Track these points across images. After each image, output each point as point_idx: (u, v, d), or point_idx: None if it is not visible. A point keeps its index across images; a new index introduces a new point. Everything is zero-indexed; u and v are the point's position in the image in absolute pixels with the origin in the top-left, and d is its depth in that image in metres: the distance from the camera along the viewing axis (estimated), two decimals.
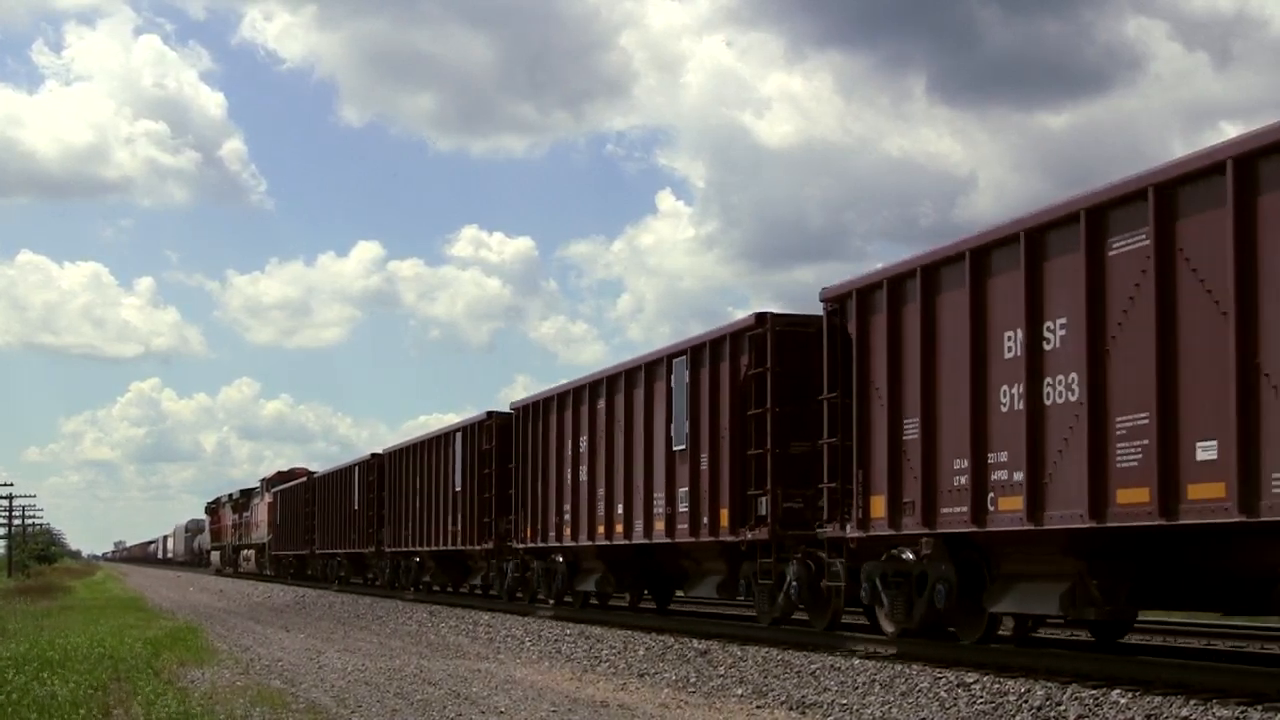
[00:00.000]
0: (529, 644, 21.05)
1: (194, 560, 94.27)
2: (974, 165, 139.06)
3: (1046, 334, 13.03)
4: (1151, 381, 11.63)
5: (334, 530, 46.50)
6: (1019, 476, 13.21)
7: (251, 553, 66.20)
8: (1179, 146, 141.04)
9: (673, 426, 20.63)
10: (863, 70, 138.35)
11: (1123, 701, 11.42)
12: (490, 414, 29.79)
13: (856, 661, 15.35)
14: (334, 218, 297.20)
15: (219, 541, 78.65)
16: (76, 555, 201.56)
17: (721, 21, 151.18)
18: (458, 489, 31.50)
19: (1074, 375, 12.62)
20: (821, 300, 16.88)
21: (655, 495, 21.29)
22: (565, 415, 25.15)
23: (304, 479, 53.65)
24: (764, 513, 18.17)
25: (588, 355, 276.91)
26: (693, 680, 15.48)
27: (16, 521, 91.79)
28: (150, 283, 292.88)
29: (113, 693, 14.11)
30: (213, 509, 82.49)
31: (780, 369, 18.11)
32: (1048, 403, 12.95)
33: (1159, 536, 12.26)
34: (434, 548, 33.96)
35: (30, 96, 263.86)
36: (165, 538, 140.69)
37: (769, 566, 18.39)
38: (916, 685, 13.40)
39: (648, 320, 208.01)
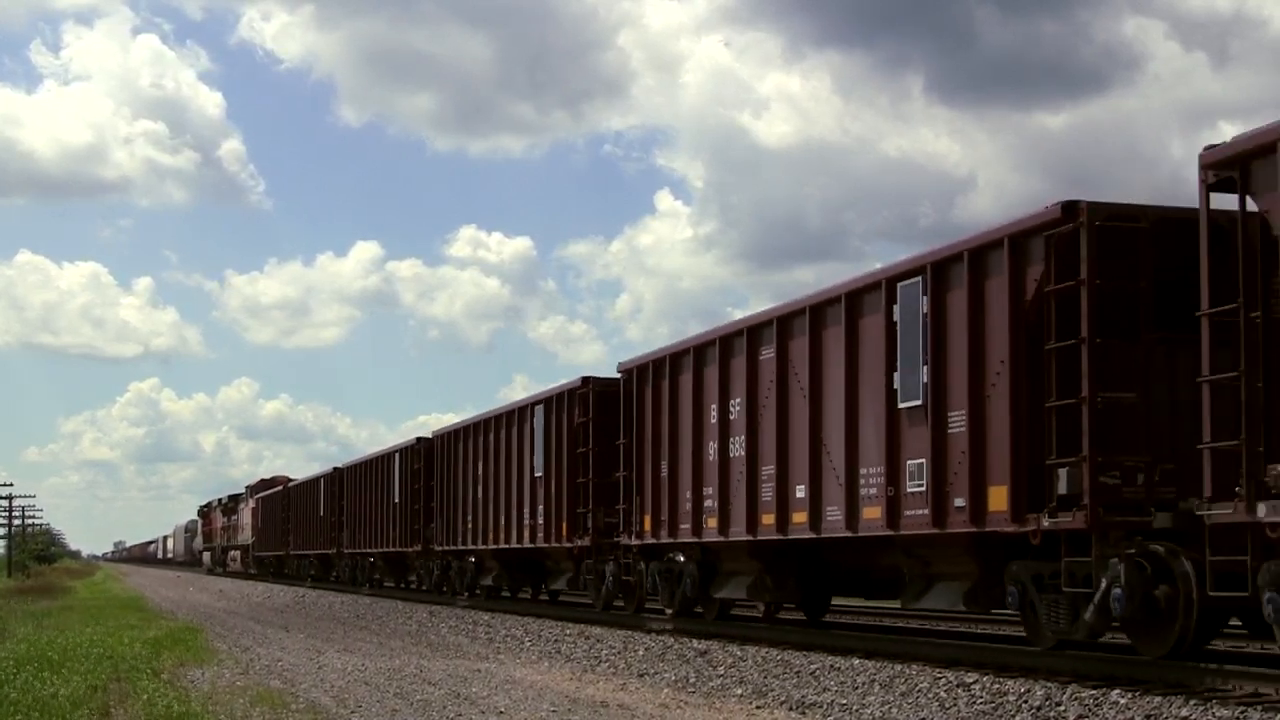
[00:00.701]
0: (529, 644, 21.04)
1: (193, 560, 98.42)
2: (973, 165, 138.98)
3: (731, 407, 18.89)
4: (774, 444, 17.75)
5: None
6: (717, 503, 19.08)
7: (238, 553, 71.31)
8: (1178, 146, 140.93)
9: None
10: (861, 70, 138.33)
11: (1122, 701, 11.42)
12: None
13: (856, 661, 15.35)
14: (333, 218, 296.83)
15: (210, 543, 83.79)
16: (76, 555, 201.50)
17: (719, 21, 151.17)
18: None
19: (742, 437, 18.56)
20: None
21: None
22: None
23: (280, 487, 59.10)
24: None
25: (587, 355, 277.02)
26: (692, 680, 15.48)
27: (16, 522, 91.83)
28: (149, 283, 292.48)
29: (113, 693, 14.11)
30: (205, 512, 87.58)
31: (598, 419, 23.91)
32: (731, 455, 18.81)
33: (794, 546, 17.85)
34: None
35: (29, 96, 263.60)
36: (165, 538, 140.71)
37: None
38: (916, 685, 13.40)
39: (647, 320, 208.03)
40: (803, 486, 17.14)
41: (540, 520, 26.34)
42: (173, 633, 23.63)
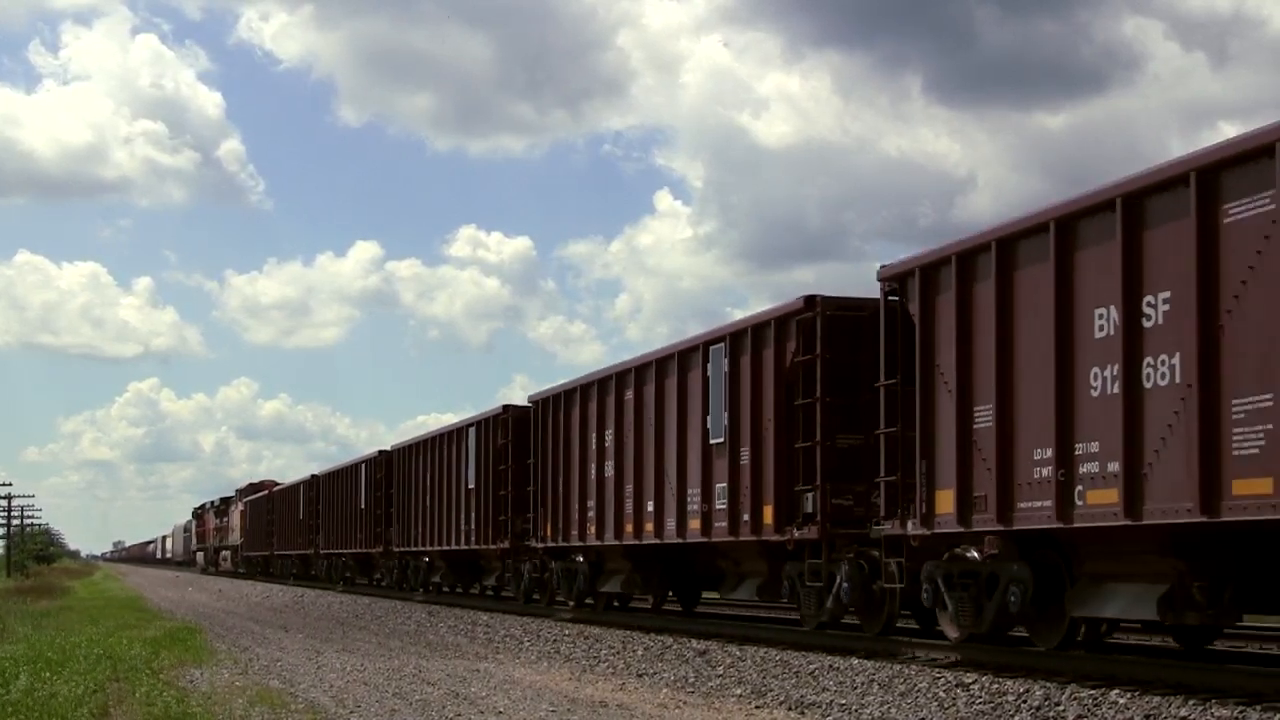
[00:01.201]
0: (528, 644, 21.04)
1: (192, 560, 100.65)
2: (972, 165, 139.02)
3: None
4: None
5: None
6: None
7: (228, 553, 76.30)
8: (1177, 146, 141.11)
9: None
10: (861, 70, 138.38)
11: (1122, 701, 11.42)
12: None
13: (855, 661, 15.35)
14: (332, 218, 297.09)
15: (203, 543, 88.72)
16: (75, 555, 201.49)
17: (719, 21, 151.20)
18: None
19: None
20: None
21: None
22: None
23: (265, 492, 64.29)
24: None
25: (586, 355, 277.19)
26: (691, 680, 15.48)
27: (15, 521, 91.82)
28: (149, 283, 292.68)
29: (112, 693, 14.10)
30: (198, 514, 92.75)
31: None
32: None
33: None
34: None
35: (28, 96, 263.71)
36: (164, 538, 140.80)
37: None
38: (915, 685, 13.40)
39: (646, 320, 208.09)
40: (651, 502, 21.41)
41: (473, 526, 30.22)
42: (172, 633, 23.63)
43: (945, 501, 14.59)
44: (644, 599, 25.19)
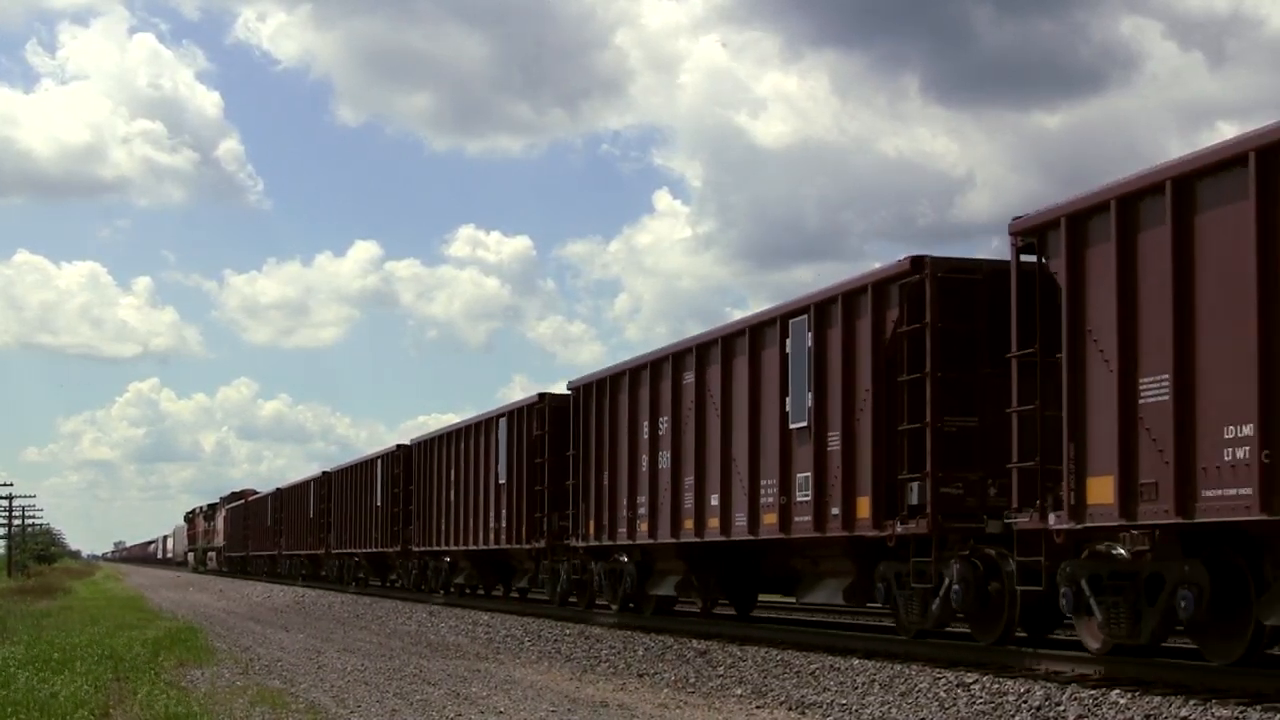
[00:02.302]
0: (529, 644, 21.05)
1: (185, 560, 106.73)
2: (971, 165, 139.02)
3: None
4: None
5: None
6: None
7: (214, 554, 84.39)
8: (1175, 146, 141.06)
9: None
10: (858, 70, 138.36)
11: (1122, 702, 11.42)
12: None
13: (856, 661, 15.35)
14: (331, 218, 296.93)
15: (193, 545, 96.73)
16: (76, 555, 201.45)
17: (717, 20, 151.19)
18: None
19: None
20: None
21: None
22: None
23: (241, 501, 71.96)
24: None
25: (586, 355, 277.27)
26: (692, 680, 15.48)
27: (16, 521, 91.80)
28: (148, 282, 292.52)
29: (113, 693, 14.11)
30: (190, 518, 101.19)
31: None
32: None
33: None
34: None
35: (26, 95, 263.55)
36: (165, 538, 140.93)
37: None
38: (916, 685, 13.40)
39: (645, 320, 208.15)
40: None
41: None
42: (172, 633, 23.63)
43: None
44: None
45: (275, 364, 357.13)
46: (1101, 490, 12.46)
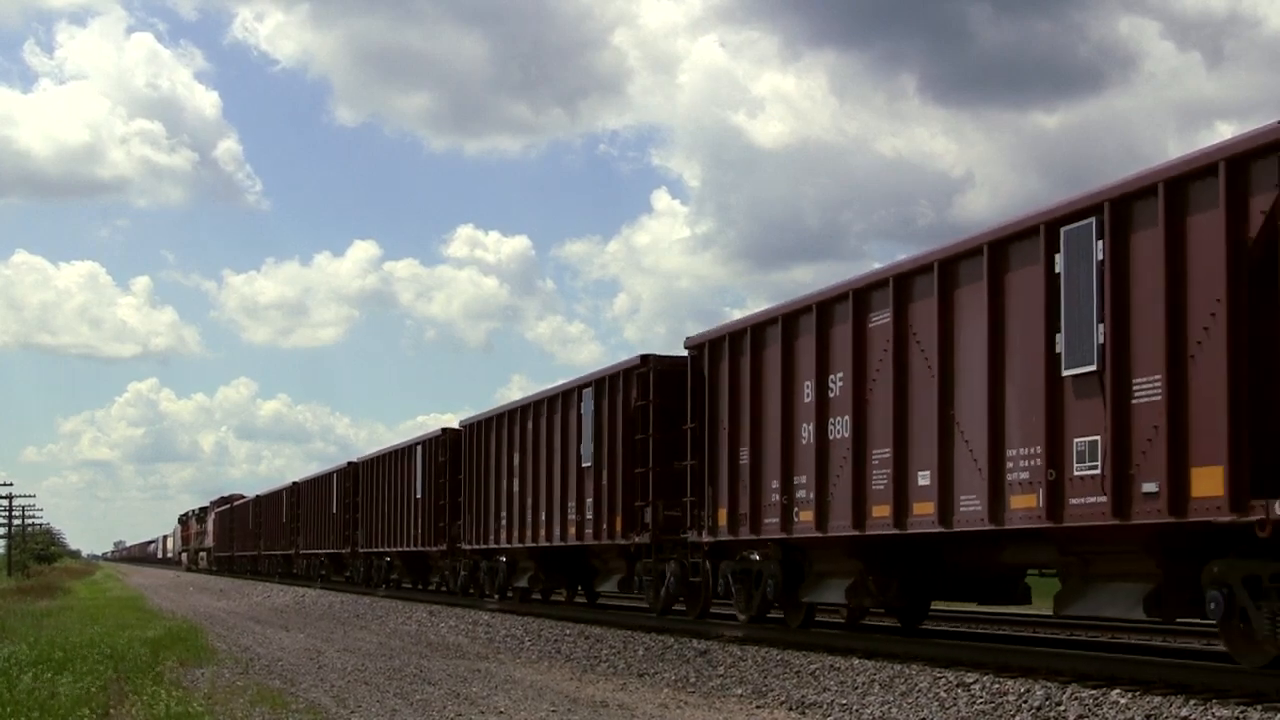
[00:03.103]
0: (529, 644, 21.05)
1: (179, 559, 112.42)
2: (969, 164, 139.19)
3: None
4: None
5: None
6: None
7: (204, 554, 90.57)
8: (1173, 146, 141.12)
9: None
10: (856, 69, 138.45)
11: (1123, 701, 11.41)
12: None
13: (856, 661, 15.35)
14: (330, 217, 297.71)
15: (186, 545, 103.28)
16: (76, 555, 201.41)
17: (715, 20, 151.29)
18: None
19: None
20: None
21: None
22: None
23: (226, 506, 79.92)
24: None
25: (584, 355, 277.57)
26: (692, 680, 15.48)
27: (16, 521, 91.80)
28: (147, 282, 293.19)
29: (113, 693, 14.11)
30: (184, 520, 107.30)
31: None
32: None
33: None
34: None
35: (24, 95, 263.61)
36: (165, 537, 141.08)
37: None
38: (916, 685, 13.40)
39: (644, 320, 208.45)
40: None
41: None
42: (173, 632, 23.63)
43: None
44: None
45: (274, 364, 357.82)
46: (722, 516, 18.95)
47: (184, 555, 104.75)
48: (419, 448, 35.61)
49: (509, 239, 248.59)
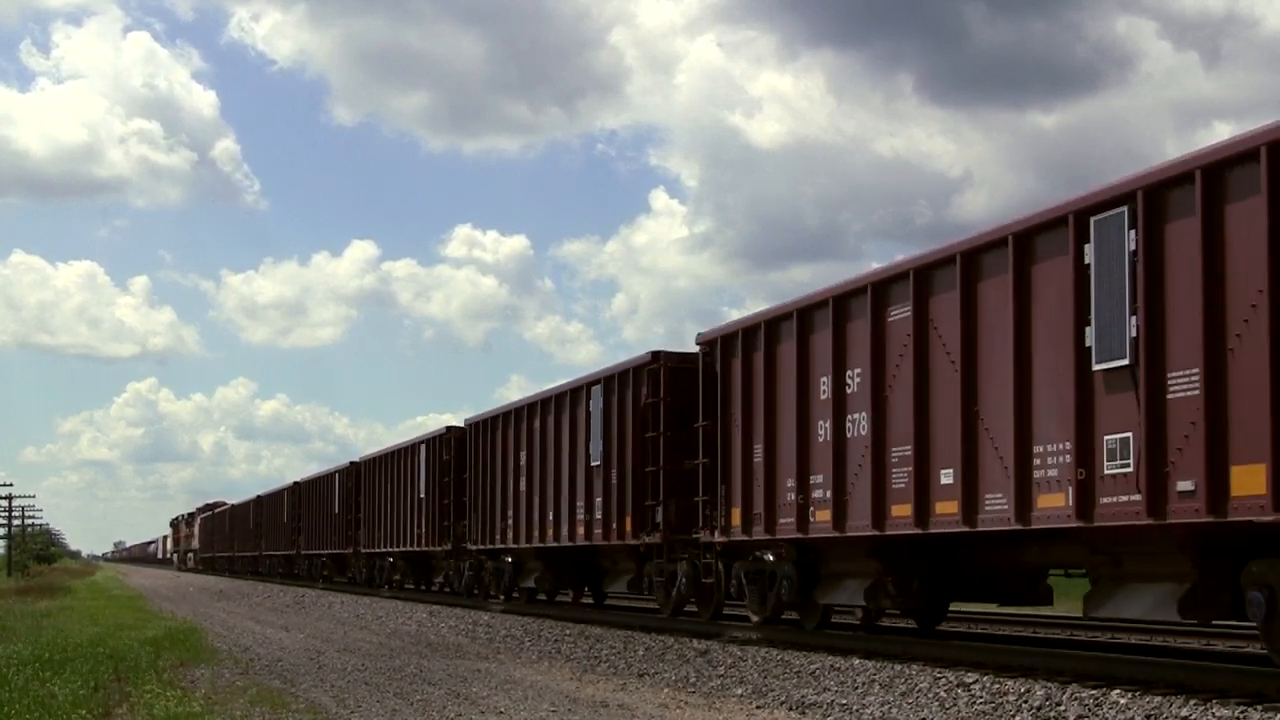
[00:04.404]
0: (529, 644, 21.04)
1: (171, 560, 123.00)
2: (967, 164, 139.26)
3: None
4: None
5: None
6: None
7: (191, 555, 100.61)
8: (1171, 146, 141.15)
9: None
10: (854, 69, 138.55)
11: (1123, 701, 11.41)
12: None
13: (856, 661, 15.35)
14: (328, 217, 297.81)
15: (178, 547, 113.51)
16: (76, 555, 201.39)
17: (712, 20, 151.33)
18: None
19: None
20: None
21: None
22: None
23: (209, 513, 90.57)
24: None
25: (583, 355, 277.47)
26: (692, 680, 15.48)
27: (16, 521, 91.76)
28: (145, 282, 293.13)
29: (113, 693, 14.11)
30: (175, 524, 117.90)
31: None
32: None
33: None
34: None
35: (21, 95, 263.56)
36: (164, 538, 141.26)
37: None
38: (916, 685, 13.40)
39: (643, 320, 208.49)
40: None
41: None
42: (172, 632, 23.62)
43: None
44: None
45: (273, 364, 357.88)
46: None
47: (175, 556, 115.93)
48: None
49: (507, 239, 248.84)
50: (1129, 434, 12.06)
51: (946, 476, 14.39)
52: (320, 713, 12.74)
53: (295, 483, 55.53)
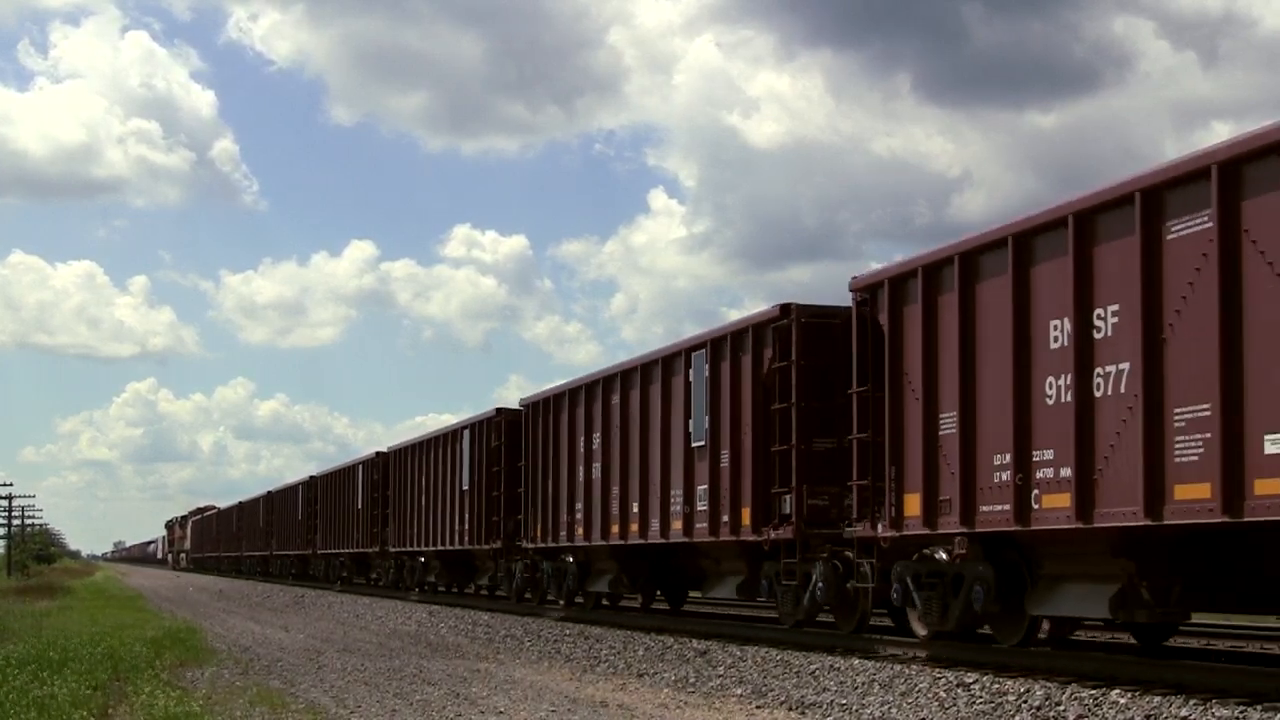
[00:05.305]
0: (529, 644, 21.04)
1: (167, 559, 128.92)
2: (966, 164, 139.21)
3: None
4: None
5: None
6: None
7: (184, 555, 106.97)
8: (1170, 146, 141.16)
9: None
10: (852, 69, 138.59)
11: (1122, 701, 11.41)
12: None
13: (856, 661, 15.35)
14: (327, 217, 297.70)
15: (172, 548, 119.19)
16: (76, 555, 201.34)
17: (710, 19, 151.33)
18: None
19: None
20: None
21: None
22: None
23: (200, 516, 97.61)
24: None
25: (582, 355, 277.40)
26: (692, 680, 15.48)
27: (16, 522, 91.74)
28: (144, 282, 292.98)
29: (113, 693, 14.10)
30: (170, 526, 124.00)
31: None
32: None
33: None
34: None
35: (20, 95, 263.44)
36: (163, 538, 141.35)
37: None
38: (916, 685, 13.39)
39: (642, 320, 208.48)
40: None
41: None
42: (172, 632, 23.61)
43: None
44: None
45: (272, 364, 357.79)
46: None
47: (170, 556, 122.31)
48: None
49: (506, 239, 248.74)
50: (706, 485, 20.02)
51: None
52: (320, 713, 12.74)
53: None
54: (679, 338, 20.97)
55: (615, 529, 22.52)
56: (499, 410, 29.49)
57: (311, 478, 51.83)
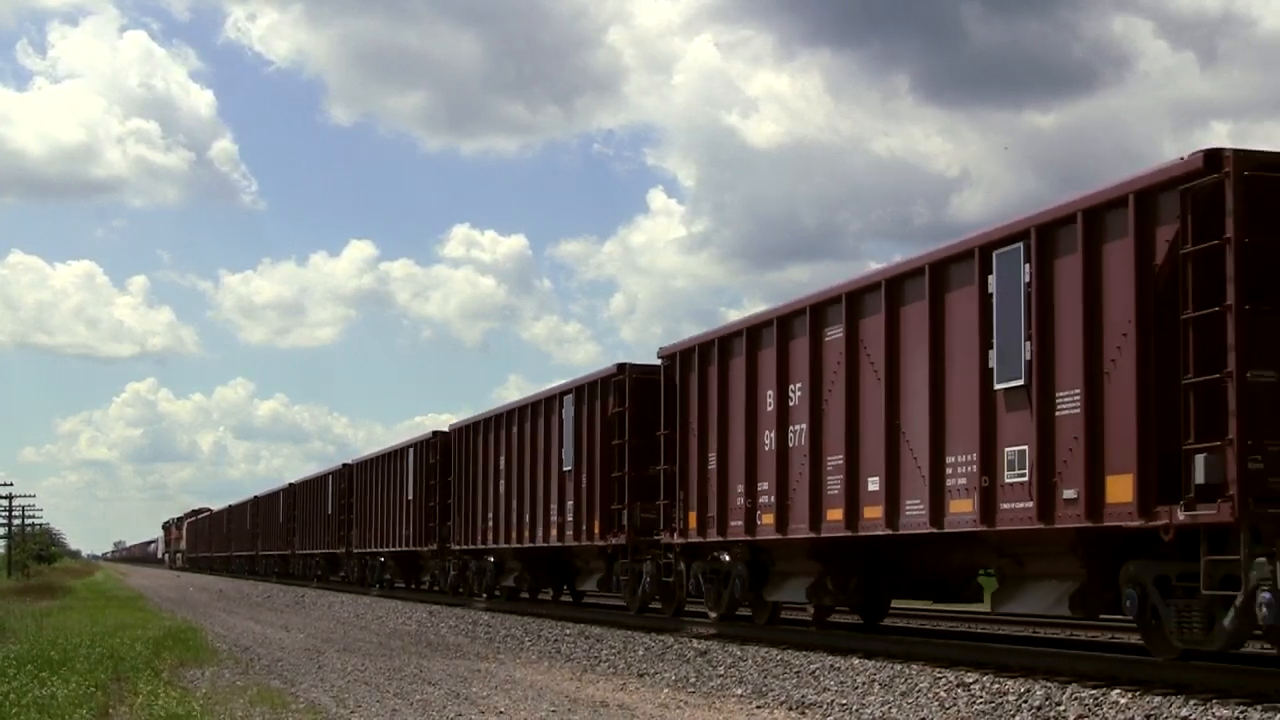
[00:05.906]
0: (529, 644, 21.04)
1: (164, 559, 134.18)
2: (964, 164, 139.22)
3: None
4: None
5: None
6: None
7: (180, 555, 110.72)
8: (1169, 145, 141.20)
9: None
10: (851, 69, 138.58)
11: (1123, 701, 11.41)
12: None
13: (856, 661, 15.35)
14: (325, 217, 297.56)
15: (169, 548, 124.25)
16: (76, 555, 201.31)
17: (709, 19, 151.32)
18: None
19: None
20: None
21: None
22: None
23: (195, 518, 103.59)
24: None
25: (581, 355, 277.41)
26: (692, 680, 15.48)
27: (16, 521, 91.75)
28: (144, 282, 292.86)
29: (113, 693, 14.10)
30: (167, 526, 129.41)
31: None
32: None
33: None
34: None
35: (18, 94, 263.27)
36: (163, 538, 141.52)
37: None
38: (916, 685, 13.40)
39: (641, 320, 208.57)
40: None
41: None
42: (172, 632, 23.62)
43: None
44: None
45: (272, 364, 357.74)
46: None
47: (167, 556, 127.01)
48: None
49: (505, 239, 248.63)
50: (572, 501, 22.94)
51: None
52: (320, 713, 12.74)
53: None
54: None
55: (516, 534, 27.67)
56: (434, 433, 34.40)
57: (291, 485, 56.81)
